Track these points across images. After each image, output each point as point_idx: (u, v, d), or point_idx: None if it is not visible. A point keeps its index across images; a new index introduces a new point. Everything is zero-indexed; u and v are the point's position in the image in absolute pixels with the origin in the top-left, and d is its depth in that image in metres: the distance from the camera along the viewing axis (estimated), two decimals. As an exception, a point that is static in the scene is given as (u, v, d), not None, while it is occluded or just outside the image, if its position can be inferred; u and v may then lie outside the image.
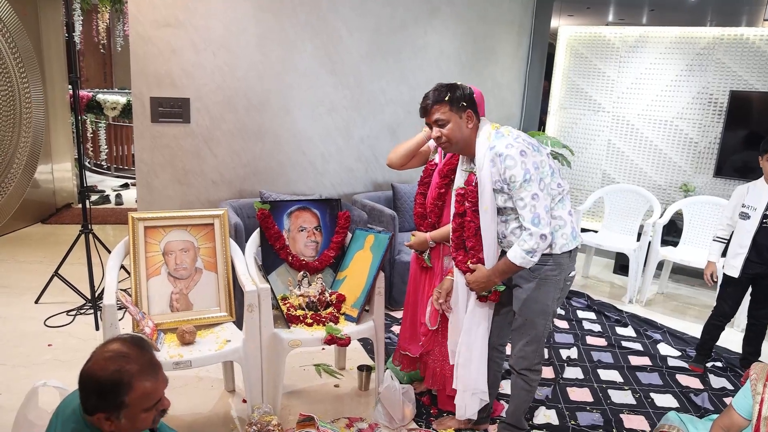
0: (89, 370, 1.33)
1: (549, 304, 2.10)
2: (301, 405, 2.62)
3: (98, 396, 1.31)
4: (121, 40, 6.93)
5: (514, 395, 2.29)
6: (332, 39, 3.81)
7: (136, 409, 1.34)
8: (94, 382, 1.31)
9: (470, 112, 2.04)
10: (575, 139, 5.26)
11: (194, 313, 2.46)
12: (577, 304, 4.03)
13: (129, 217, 2.42)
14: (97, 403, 1.32)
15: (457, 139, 2.06)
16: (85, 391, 1.33)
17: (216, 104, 3.46)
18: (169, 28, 3.23)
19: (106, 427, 1.34)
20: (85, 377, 1.33)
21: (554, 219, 2.03)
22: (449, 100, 2.02)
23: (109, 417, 1.33)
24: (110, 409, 1.32)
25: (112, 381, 1.30)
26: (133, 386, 1.32)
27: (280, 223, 2.71)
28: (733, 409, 1.76)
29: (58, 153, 5.38)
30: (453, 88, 2.05)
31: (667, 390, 2.94)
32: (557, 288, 2.11)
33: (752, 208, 2.88)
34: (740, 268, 2.92)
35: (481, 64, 4.73)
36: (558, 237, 2.04)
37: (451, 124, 2.04)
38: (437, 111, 2.04)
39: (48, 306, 3.44)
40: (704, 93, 4.64)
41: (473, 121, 2.05)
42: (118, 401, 1.31)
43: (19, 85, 4.63)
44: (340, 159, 4.04)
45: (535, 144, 2.01)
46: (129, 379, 1.32)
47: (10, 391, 2.57)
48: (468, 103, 2.03)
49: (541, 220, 1.93)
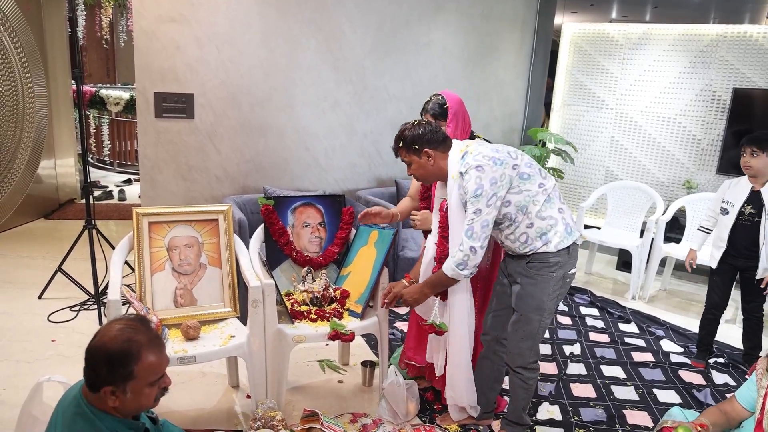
0: (98, 343, 1.36)
1: (545, 300, 2.11)
2: (304, 400, 2.63)
3: (108, 366, 1.34)
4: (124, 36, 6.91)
5: (512, 393, 2.30)
6: (336, 35, 3.81)
7: (142, 383, 1.38)
8: (104, 353, 1.34)
9: (427, 150, 2.09)
10: (578, 136, 5.25)
11: (198, 308, 2.46)
12: (580, 300, 4.03)
13: (133, 212, 2.42)
14: (107, 375, 1.34)
15: (426, 175, 2.16)
16: (94, 365, 1.35)
17: (220, 100, 3.46)
18: (173, 23, 3.22)
19: (110, 402, 1.37)
20: (94, 350, 1.36)
21: (543, 220, 2.05)
22: (403, 147, 2.13)
23: (115, 391, 1.35)
24: (118, 381, 1.35)
25: (122, 350, 1.34)
26: (141, 357, 1.36)
27: (284, 219, 2.71)
28: (735, 399, 1.79)
29: (61, 148, 5.38)
30: (402, 135, 2.13)
31: (670, 386, 2.94)
32: (555, 285, 2.11)
33: (731, 204, 2.94)
34: (718, 260, 3.00)
35: (484, 61, 4.72)
36: (551, 236, 2.06)
37: (414, 165, 2.15)
38: (400, 155, 2.18)
39: (51, 301, 3.44)
40: (707, 90, 4.63)
41: (433, 158, 2.11)
42: (127, 371, 1.35)
43: (22, 80, 4.63)
44: (343, 155, 4.03)
45: (499, 157, 2.02)
46: (138, 349, 1.36)
47: (14, 386, 2.57)
48: (421, 144, 2.09)
49: (473, 233, 2.01)
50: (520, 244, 2.10)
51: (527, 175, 2.04)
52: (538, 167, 2.11)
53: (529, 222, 2.06)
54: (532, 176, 2.05)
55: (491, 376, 2.41)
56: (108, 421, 1.40)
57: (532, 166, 2.09)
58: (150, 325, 1.47)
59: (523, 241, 2.09)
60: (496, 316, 2.32)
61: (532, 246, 2.08)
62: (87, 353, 1.37)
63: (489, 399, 2.45)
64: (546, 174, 2.12)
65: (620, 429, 2.54)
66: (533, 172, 2.07)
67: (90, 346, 1.37)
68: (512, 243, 2.12)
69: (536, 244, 2.07)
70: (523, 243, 2.09)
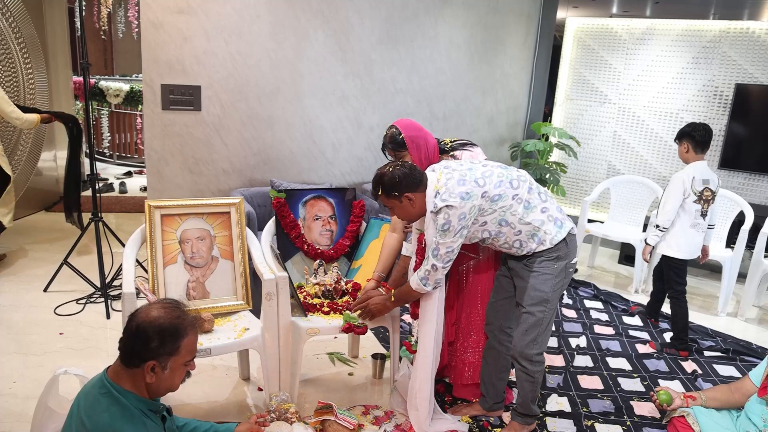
0: (148, 318, 1.46)
1: (547, 291, 2.16)
2: (315, 393, 2.64)
3: (160, 339, 1.45)
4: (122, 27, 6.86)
5: (519, 387, 2.33)
6: (344, 27, 3.79)
7: (181, 360, 1.49)
8: (157, 326, 1.45)
9: (407, 195, 2.10)
10: (581, 130, 5.27)
11: (211, 301, 2.46)
12: (584, 293, 4.06)
13: (146, 205, 2.42)
14: (157, 348, 1.44)
15: (409, 216, 2.18)
16: (145, 338, 1.44)
17: (227, 92, 3.44)
18: (181, 14, 3.20)
19: (148, 378, 1.46)
20: (146, 324, 1.45)
21: (528, 224, 2.12)
22: (383, 194, 2.13)
23: (155, 366, 1.46)
24: (163, 355, 1.46)
25: (173, 326, 1.47)
26: (188, 333, 1.49)
27: (295, 212, 2.71)
28: (749, 378, 1.94)
29: (62, 141, 5.33)
30: (380, 181, 2.11)
31: (674, 377, 2.98)
32: (558, 277, 2.17)
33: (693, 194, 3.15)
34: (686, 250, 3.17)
35: (489, 54, 4.72)
36: (543, 235, 2.13)
37: (396, 209, 2.16)
38: (381, 201, 2.18)
39: (57, 294, 3.43)
40: (710, 86, 4.65)
41: (414, 199, 2.10)
42: (176, 345, 1.47)
43: (23, 72, 4.59)
44: (350, 148, 4.03)
45: (467, 191, 2.03)
46: (186, 326, 1.50)
47: (25, 379, 2.57)
48: (400, 190, 2.08)
49: (438, 254, 2.08)
50: (516, 249, 2.17)
51: (498, 195, 2.08)
52: (508, 179, 2.11)
53: (516, 230, 2.13)
54: (503, 195, 2.09)
55: (497, 366, 2.43)
56: (133, 400, 1.48)
57: (502, 183, 2.09)
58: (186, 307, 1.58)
59: (518, 246, 2.16)
60: (499, 306, 2.36)
61: (529, 248, 2.15)
62: (135, 329, 1.45)
63: (498, 389, 2.47)
64: (519, 182, 2.12)
65: (628, 420, 2.57)
66: (503, 190, 2.09)
67: (138, 322, 1.46)
68: (509, 249, 2.19)
69: (531, 246, 2.14)
70: (519, 248, 2.16)
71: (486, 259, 2.47)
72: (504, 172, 2.13)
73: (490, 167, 2.13)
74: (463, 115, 4.67)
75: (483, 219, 2.09)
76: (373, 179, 2.17)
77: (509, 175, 2.13)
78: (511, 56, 4.94)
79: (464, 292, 2.51)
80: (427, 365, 2.28)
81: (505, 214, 2.09)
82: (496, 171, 2.12)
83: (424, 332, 2.27)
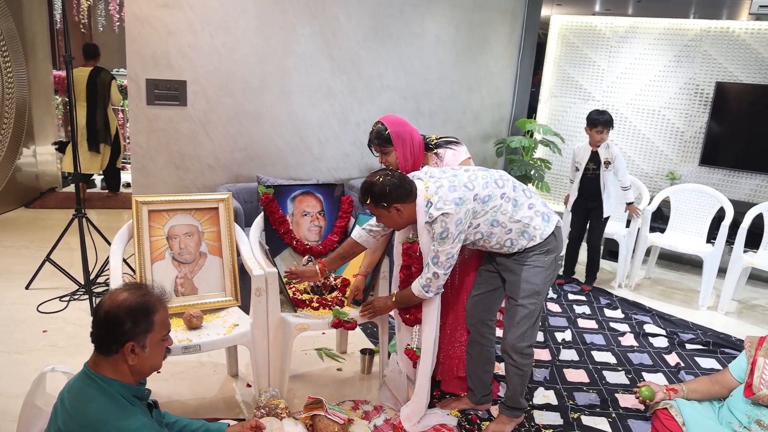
0: (115, 303, 1.47)
1: (539, 284, 2.21)
2: (305, 388, 2.64)
3: (133, 318, 1.46)
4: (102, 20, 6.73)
5: (508, 380, 2.36)
6: (330, 23, 3.78)
7: (157, 335, 1.51)
8: (126, 309, 1.46)
9: (395, 206, 2.10)
10: (566, 127, 5.33)
11: (199, 297, 2.44)
12: (568, 288, 4.11)
13: (133, 200, 2.39)
14: (131, 329, 1.46)
15: (396, 225, 2.20)
16: (117, 323, 1.45)
17: (213, 87, 3.41)
18: (166, 7, 3.16)
19: (130, 360, 1.47)
20: (115, 308, 1.46)
21: (518, 222, 2.15)
22: (371, 202, 2.12)
23: (135, 347, 1.47)
24: (140, 334, 1.47)
25: (141, 303, 1.49)
26: (158, 308, 1.52)
27: (283, 208, 2.70)
28: (729, 371, 1.99)
29: (41, 135, 5.24)
30: (369, 190, 2.10)
31: (658, 369, 3.04)
32: (548, 269, 2.22)
33: (579, 164, 3.96)
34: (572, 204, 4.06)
35: (474, 52, 4.75)
36: (532, 231, 2.17)
37: (383, 217, 2.17)
38: (369, 209, 2.18)
39: (39, 292, 3.37)
40: (691, 84, 4.74)
41: (402, 210, 2.11)
42: (149, 321, 1.49)
43: (2, 65, 4.49)
44: (336, 144, 4.02)
45: (459, 196, 2.06)
46: (154, 302, 1.52)
47: (9, 377, 2.53)
48: (389, 201, 2.09)
49: (438, 262, 2.10)
50: (508, 248, 2.20)
51: (487, 196, 2.11)
52: (493, 180, 2.15)
53: (506, 229, 2.16)
54: (492, 195, 2.12)
55: (481, 359, 2.46)
56: (119, 388, 1.48)
57: (488, 184, 2.13)
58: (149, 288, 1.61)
59: (510, 245, 2.19)
60: (480, 299, 2.39)
61: (519, 245, 2.19)
62: (105, 316, 1.46)
63: (484, 382, 2.50)
64: (503, 182, 2.16)
65: (613, 412, 2.62)
66: (491, 190, 2.12)
67: (106, 309, 1.46)
68: (500, 249, 2.22)
69: (522, 243, 2.18)
70: (510, 246, 2.20)
71: (472, 255, 2.50)
72: (486, 174, 2.17)
73: (472, 171, 2.17)
74: (449, 111, 4.69)
75: (476, 222, 2.12)
76: (361, 186, 2.17)
77: (491, 176, 2.17)
78: (497, 53, 4.97)
79: (452, 288, 2.53)
80: (428, 365, 2.32)
81: (496, 214, 2.12)
82: (480, 174, 2.16)
83: (427, 333, 2.30)
